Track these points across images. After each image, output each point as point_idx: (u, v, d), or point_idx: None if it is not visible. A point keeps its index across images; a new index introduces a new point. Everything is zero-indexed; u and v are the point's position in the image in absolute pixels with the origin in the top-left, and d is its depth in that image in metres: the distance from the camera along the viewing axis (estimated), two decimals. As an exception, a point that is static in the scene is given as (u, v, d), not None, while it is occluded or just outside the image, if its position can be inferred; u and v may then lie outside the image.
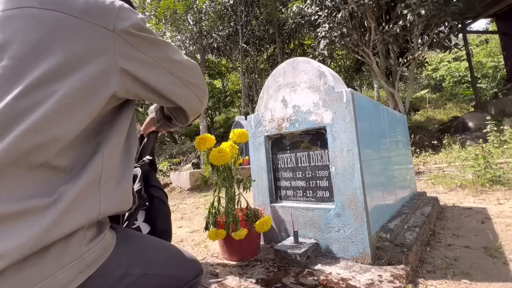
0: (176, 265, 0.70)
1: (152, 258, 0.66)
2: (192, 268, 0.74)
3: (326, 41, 7.10)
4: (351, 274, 1.15)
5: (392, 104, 7.71)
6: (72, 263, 0.51)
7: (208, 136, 1.36)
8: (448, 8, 5.68)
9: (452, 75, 17.29)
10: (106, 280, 0.57)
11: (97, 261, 0.55)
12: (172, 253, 0.72)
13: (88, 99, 0.52)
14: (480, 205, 2.50)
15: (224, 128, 14.89)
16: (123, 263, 0.61)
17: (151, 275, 0.64)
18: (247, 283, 1.15)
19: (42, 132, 0.47)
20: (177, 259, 0.72)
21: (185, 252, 0.76)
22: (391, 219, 1.69)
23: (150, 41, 0.60)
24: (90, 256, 0.54)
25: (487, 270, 1.30)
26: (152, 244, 0.72)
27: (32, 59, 0.49)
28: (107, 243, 0.59)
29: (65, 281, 0.49)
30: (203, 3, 10.21)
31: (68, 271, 0.50)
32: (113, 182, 0.57)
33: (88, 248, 0.54)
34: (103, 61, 0.53)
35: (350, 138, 1.30)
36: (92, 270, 0.54)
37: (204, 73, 11.18)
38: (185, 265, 0.73)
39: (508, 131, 4.91)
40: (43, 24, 0.51)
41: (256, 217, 1.45)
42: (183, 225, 2.81)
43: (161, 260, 0.67)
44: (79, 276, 0.52)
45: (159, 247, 0.71)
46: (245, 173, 5.24)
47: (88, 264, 0.53)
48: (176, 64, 0.65)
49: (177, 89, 0.67)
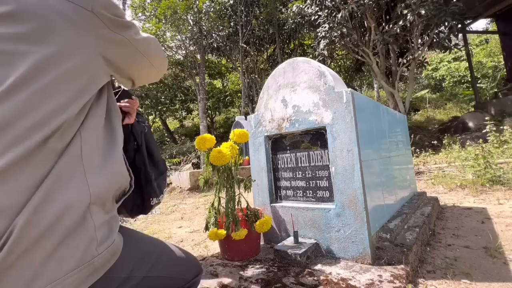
0: (176, 267, 0.71)
1: (154, 261, 0.67)
2: (191, 268, 0.75)
3: (326, 41, 7.10)
4: (351, 274, 1.15)
5: (392, 104, 7.71)
6: (82, 266, 0.50)
7: (208, 136, 1.36)
8: (448, 8, 5.68)
9: (452, 75, 17.28)
10: (110, 283, 0.57)
11: (105, 265, 0.55)
12: (173, 255, 0.73)
13: (75, 86, 0.53)
14: (480, 205, 2.50)
15: (224, 128, 14.89)
16: (127, 267, 0.61)
17: (152, 277, 0.65)
18: (247, 283, 1.15)
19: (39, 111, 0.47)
20: (178, 261, 0.73)
21: (185, 252, 0.77)
22: (391, 219, 1.69)
23: (121, 22, 0.61)
24: (99, 261, 0.53)
25: (487, 270, 1.30)
26: (155, 246, 0.72)
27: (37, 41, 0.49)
28: (116, 247, 0.58)
29: (73, 284, 0.49)
30: (203, 3, 10.20)
31: (77, 275, 0.49)
32: (98, 155, 0.57)
33: (98, 252, 0.53)
34: (86, 52, 0.55)
35: (350, 138, 1.30)
36: (100, 274, 0.54)
37: (204, 73, 11.17)
38: (185, 265, 0.73)
39: (508, 131, 4.90)
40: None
41: (256, 217, 1.45)
42: (183, 225, 2.81)
43: (163, 263, 0.68)
44: (88, 280, 0.51)
45: (161, 249, 0.72)
46: (245, 173, 5.23)
47: (97, 268, 0.53)
48: (142, 42, 0.67)
49: (141, 66, 0.69)
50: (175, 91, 13.13)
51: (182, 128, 16.07)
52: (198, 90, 10.80)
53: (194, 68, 11.21)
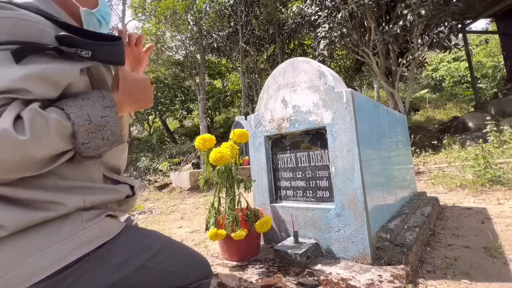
0: (179, 263, 0.70)
1: (154, 252, 0.66)
2: (198, 268, 0.72)
3: (326, 41, 7.09)
4: (351, 274, 1.15)
5: (392, 104, 7.71)
6: (68, 239, 0.56)
7: (208, 136, 1.36)
8: (448, 8, 5.68)
9: (452, 75, 17.29)
10: (104, 265, 0.59)
11: (94, 241, 0.59)
12: (176, 251, 0.72)
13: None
14: (480, 205, 2.50)
15: (224, 128, 14.88)
16: (124, 252, 0.63)
17: (151, 268, 0.64)
18: (247, 283, 1.15)
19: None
20: (182, 257, 0.71)
21: (193, 252, 0.75)
22: (391, 219, 1.69)
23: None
24: (86, 235, 0.58)
25: (487, 270, 1.30)
26: (158, 238, 0.72)
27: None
28: (107, 226, 0.62)
29: (60, 255, 0.54)
30: (203, 3, 10.19)
31: (63, 246, 0.55)
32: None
33: (84, 227, 0.58)
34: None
35: (350, 138, 1.30)
36: (87, 249, 0.58)
37: (204, 73, 11.16)
38: (190, 264, 0.71)
39: (508, 131, 4.90)
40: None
41: (256, 217, 1.45)
42: (183, 225, 2.81)
43: (163, 256, 0.67)
44: (73, 252, 0.56)
45: (164, 243, 0.71)
46: (245, 173, 5.23)
47: (84, 242, 0.57)
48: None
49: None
50: (175, 91, 13.12)
51: (182, 128, 16.06)
52: (198, 90, 10.80)
53: (194, 68, 11.21)
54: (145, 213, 3.58)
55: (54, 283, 0.54)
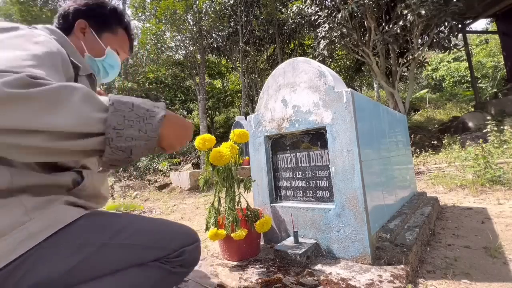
0: (150, 235, 0.68)
1: (118, 228, 0.64)
2: (177, 238, 0.71)
3: (326, 41, 7.10)
4: (351, 274, 1.15)
5: (392, 104, 7.71)
6: (12, 232, 0.52)
7: (208, 136, 1.35)
8: (448, 8, 5.68)
9: (452, 75, 17.29)
10: (59, 251, 0.57)
11: (44, 231, 0.55)
12: (146, 225, 0.70)
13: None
14: (480, 205, 2.50)
15: (224, 128, 14.88)
16: (82, 234, 0.60)
17: (116, 245, 0.62)
18: (247, 283, 1.15)
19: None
20: (153, 230, 0.69)
21: (171, 223, 0.73)
22: (391, 219, 1.69)
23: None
24: (34, 226, 0.54)
25: (487, 270, 1.30)
26: (122, 217, 0.69)
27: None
28: (60, 214, 0.59)
29: (5, 249, 0.51)
30: (203, 3, 10.20)
31: (10, 239, 0.51)
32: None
33: (30, 218, 0.54)
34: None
35: (350, 138, 1.30)
36: (37, 240, 0.54)
37: (204, 73, 11.17)
38: (165, 236, 0.70)
39: (508, 131, 4.90)
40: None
41: (256, 217, 1.45)
42: (183, 225, 2.81)
43: (129, 231, 0.65)
44: (24, 244, 0.52)
45: (129, 220, 0.69)
46: (245, 173, 5.23)
47: (32, 233, 0.54)
48: None
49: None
50: (175, 91, 13.13)
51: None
52: (198, 90, 10.81)
53: (194, 68, 11.21)
54: (145, 213, 3.58)
55: (5, 275, 0.51)
